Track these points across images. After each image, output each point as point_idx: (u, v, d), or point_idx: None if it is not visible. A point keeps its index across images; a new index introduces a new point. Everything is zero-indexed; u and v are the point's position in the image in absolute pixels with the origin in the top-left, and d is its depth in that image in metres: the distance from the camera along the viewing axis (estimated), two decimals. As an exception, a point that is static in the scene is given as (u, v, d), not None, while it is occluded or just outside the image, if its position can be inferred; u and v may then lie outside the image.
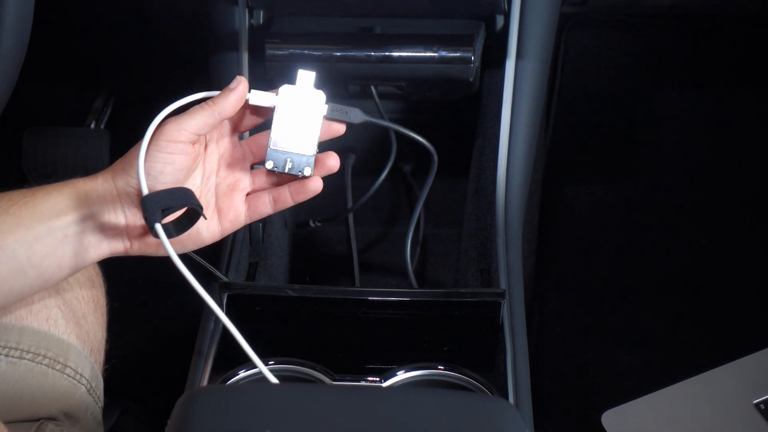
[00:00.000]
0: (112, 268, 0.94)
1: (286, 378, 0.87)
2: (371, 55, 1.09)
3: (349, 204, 1.31)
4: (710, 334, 1.44)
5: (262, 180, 0.83)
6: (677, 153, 1.60)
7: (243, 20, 1.10)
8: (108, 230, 0.77)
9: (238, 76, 0.79)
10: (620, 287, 1.52)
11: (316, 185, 0.81)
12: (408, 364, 0.89)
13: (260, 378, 0.82)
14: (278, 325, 0.95)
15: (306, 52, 1.10)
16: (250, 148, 0.83)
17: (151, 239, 0.79)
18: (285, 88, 0.81)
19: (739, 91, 1.60)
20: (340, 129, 0.83)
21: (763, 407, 1.08)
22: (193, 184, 0.80)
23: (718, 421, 1.08)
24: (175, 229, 0.75)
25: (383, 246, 1.41)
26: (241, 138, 0.84)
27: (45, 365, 0.82)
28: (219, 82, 1.13)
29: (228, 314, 0.89)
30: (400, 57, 1.09)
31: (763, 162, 1.58)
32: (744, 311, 1.47)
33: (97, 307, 0.92)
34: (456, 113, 1.26)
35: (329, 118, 0.81)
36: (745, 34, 1.54)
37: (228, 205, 0.82)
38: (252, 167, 0.84)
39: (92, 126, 1.56)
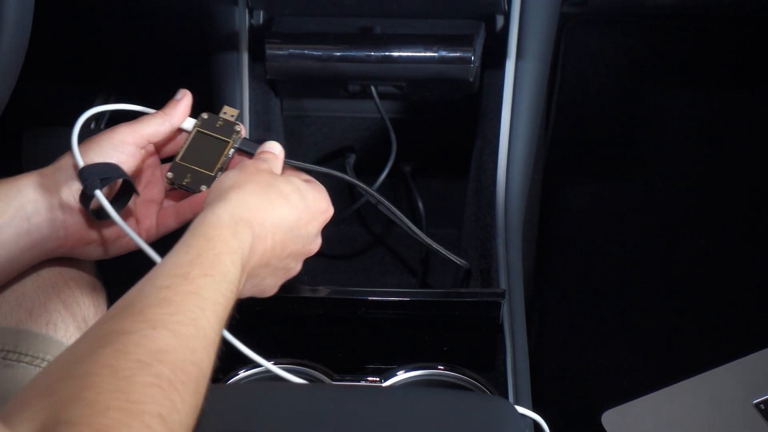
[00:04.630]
0: (112, 271, 0.94)
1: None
2: (371, 55, 1.09)
3: (350, 204, 1.30)
4: (710, 334, 1.44)
5: (169, 199, 0.87)
6: (677, 153, 1.60)
7: (243, 20, 1.10)
8: (47, 227, 0.78)
9: (181, 89, 0.84)
10: (620, 287, 1.52)
11: None
12: (408, 364, 0.89)
13: (261, 378, 0.82)
14: (278, 325, 0.95)
15: (306, 52, 1.10)
16: (165, 174, 0.86)
17: (85, 232, 0.80)
18: (207, 115, 0.84)
19: (739, 91, 1.60)
20: None
21: (763, 407, 1.08)
22: None
23: (718, 421, 1.08)
24: (113, 205, 0.77)
25: (383, 246, 1.41)
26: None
27: (43, 368, 0.82)
28: (219, 82, 1.13)
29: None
30: (400, 57, 1.09)
31: (763, 162, 1.58)
32: (744, 311, 1.47)
33: (98, 311, 0.92)
34: (456, 113, 1.26)
35: (240, 148, 0.84)
36: (745, 34, 1.54)
37: (144, 215, 0.85)
38: None
39: (92, 126, 1.56)
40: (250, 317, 0.93)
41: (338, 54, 1.09)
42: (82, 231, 0.80)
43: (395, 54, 1.09)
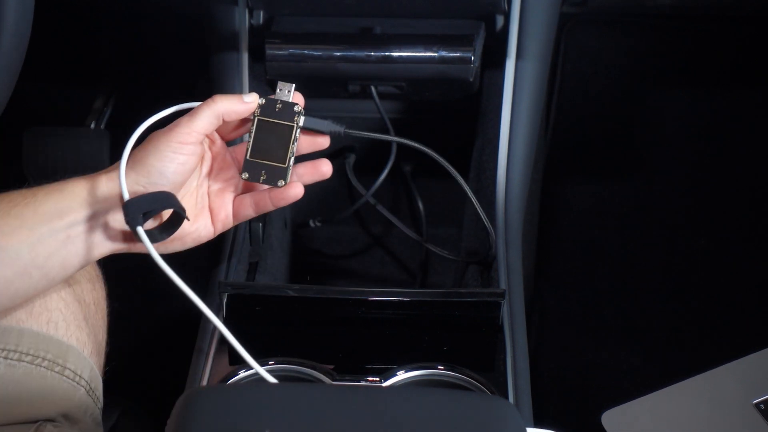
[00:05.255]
0: (112, 269, 0.94)
1: (286, 378, 0.87)
2: (371, 55, 1.09)
3: (350, 204, 1.31)
4: (710, 334, 1.44)
5: (246, 185, 0.86)
6: (677, 153, 1.60)
7: (243, 20, 1.10)
8: (111, 228, 0.79)
9: (255, 94, 0.83)
10: (620, 287, 1.52)
11: (295, 192, 0.84)
12: (408, 364, 0.89)
13: (260, 378, 0.82)
14: (278, 325, 0.95)
15: (306, 52, 1.10)
16: (235, 156, 0.86)
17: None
18: (264, 99, 0.83)
19: (739, 91, 1.60)
20: (323, 143, 0.86)
21: (763, 407, 1.08)
22: (190, 186, 0.83)
23: (718, 421, 1.08)
24: (160, 233, 0.78)
25: (383, 246, 1.41)
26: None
27: (44, 367, 0.83)
28: (219, 82, 1.13)
29: (228, 314, 0.89)
30: (400, 57, 1.09)
31: (763, 162, 1.58)
32: (744, 311, 1.47)
33: (98, 310, 0.92)
34: (456, 113, 1.26)
35: (305, 128, 0.83)
36: (745, 34, 1.54)
37: (219, 205, 0.85)
38: None
39: (92, 126, 1.56)
40: (251, 317, 0.94)
41: (338, 54, 1.09)
42: None
43: (395, 54, 1.09)
